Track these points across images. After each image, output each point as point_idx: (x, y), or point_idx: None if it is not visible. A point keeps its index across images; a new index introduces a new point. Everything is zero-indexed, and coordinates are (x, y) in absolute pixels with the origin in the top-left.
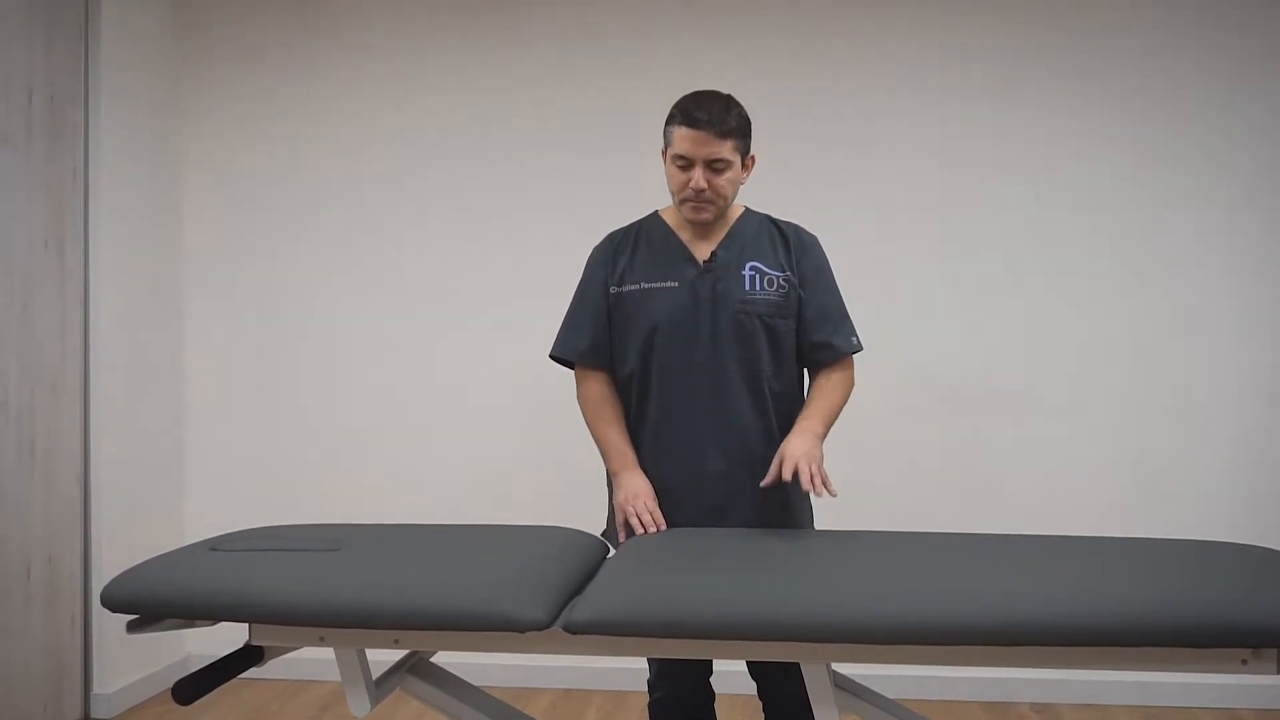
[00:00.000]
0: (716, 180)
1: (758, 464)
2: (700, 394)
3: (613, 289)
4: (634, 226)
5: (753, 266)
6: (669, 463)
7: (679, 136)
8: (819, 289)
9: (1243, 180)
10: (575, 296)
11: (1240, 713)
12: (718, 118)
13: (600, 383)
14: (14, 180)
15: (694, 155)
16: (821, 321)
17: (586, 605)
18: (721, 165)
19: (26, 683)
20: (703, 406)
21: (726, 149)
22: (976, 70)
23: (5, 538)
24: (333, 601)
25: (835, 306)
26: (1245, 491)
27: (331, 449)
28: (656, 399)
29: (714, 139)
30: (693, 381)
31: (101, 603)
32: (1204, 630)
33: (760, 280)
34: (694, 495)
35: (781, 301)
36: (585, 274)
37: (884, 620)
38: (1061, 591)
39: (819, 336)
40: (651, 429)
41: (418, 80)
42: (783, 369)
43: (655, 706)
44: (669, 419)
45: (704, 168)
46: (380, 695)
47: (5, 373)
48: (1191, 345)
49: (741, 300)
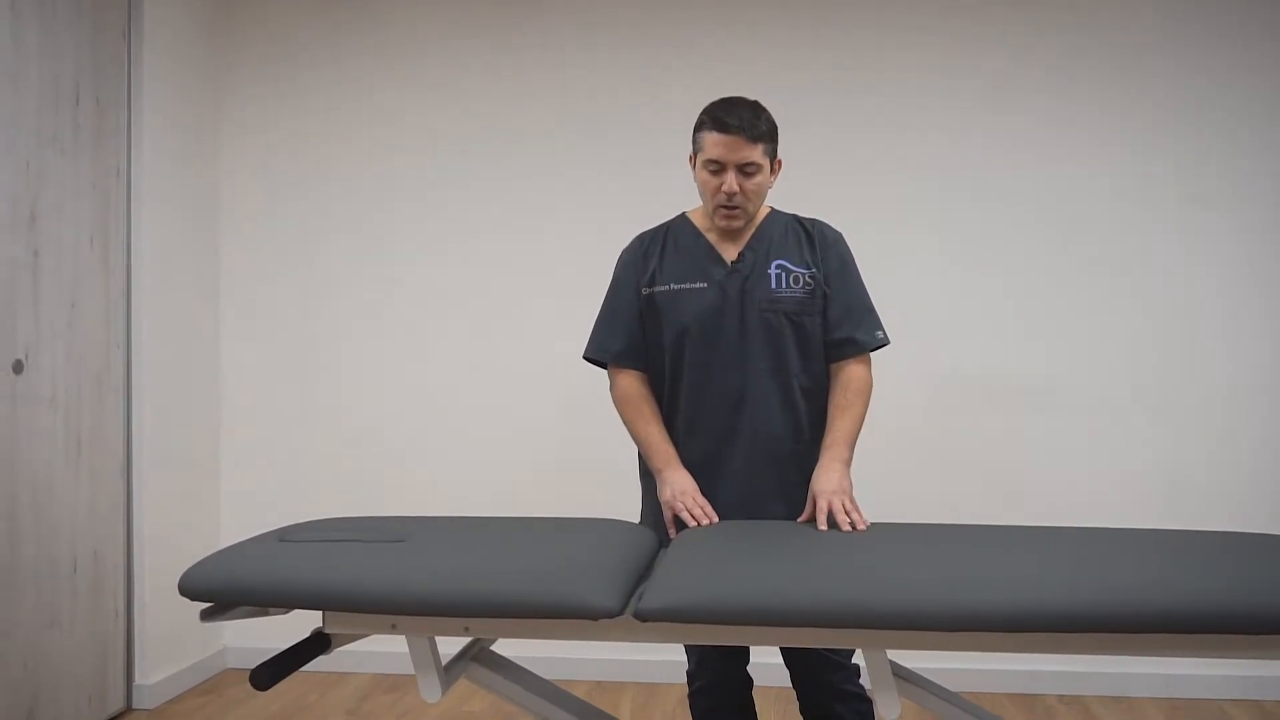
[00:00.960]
0: (748, 184)
1: (786, 460)
2: (730, 392)
3: (644, 290)
4: (662, 228)
5: (779, 265)
6: (699, 459)
7: (711, 141)
8: (843, 284)
9: (1266, 178)
10: (607, 298)
11: (1267, 705)
12: (749, 123)
13: (636, 381)
14: (63, 180)
15: (726, 160)
16: (845, 316)
17: (655, 594)
18: (753, 169)
19: (75, 674)
20: (732, 404)
21: (757, 153)
22: (986, 72)
23: (55, 531)
24: (406, 590)
25: (859, 301)
26: (1274, 486)
27: (366, 447)
28: (687, 397)
29: (746, 144)
30: (722, 380)
31: (180, 592)
32: (1269, 617)
33: (787, 278)
34: (724, 492)
35: (808, 298)
36: (615, 276)
37: (947, 608)
38: (1120, 580)
39: (843, 332)
40: (683, 426)
41: (457, 82)
42: (811, 365)
43: (697, 695)
44: (699, 417)
45: (736, 172)
46: (448, 682)
47: (54, 368)
48: (1218, 342)
49: (769, 299)
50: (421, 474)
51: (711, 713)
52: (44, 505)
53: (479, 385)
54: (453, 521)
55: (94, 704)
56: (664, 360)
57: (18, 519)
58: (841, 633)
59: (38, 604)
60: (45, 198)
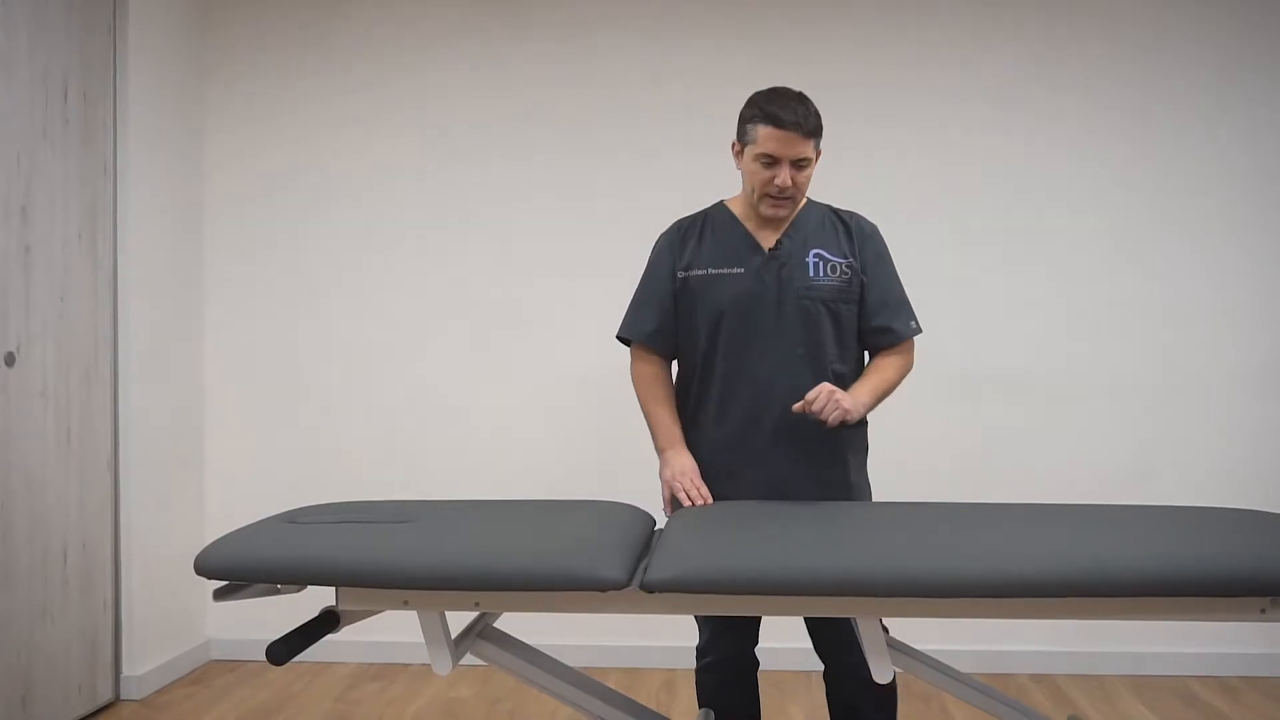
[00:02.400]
0: (799, 177)
1: (818, 446)
2: (763, 376)
3: (680, 274)
4: (700, 215)
5: (816, 254)
6: (732, 443)
7: (764, 135)
8: (880, 275)
9: (1240, 175)
10: (642, 280)
11: (1229, 680)
12: (802, 118)
13: (655, 364)
14: (53, 174)
15: (781, 154)
16: (881, 306)
17: (659, 566)
18: (804, 163)
19: (65, 664)
20: (766, 389)
21: (809, 148)
22: (985, 70)
23: (46, 523)
24: (418, 566)
25: (895, 292)
26: (1243, 472)
27: (352, 440)
28: (720, 380)
29: (800, 139)
30: (756, 364)
31: (196, 571)
32: (1229, 580)
33: (824, 267)
34: (756, 474)
35: (845, 287)
36: (651, 259)
37: (936, 576)
38: (1097, 548)
39: (879, 321)
40: (715, 410)
41: (440, 75)
42: (846, 352)
43: (704, 671)
44: (732, 400)
45: (789, 166)
46: (458, 656)
47: (44, 362)
48: (1191, 331)
49: (806, 286)
50: (408, 466)
51: (717, 688)
52: (36, 497)
53: (466, 377)
54: (454, 504)
55: (84, 694)
56: (698, 344)
57: (10, 510)
58: (838, 601)
59: (30, 595)
60: (36, 192)
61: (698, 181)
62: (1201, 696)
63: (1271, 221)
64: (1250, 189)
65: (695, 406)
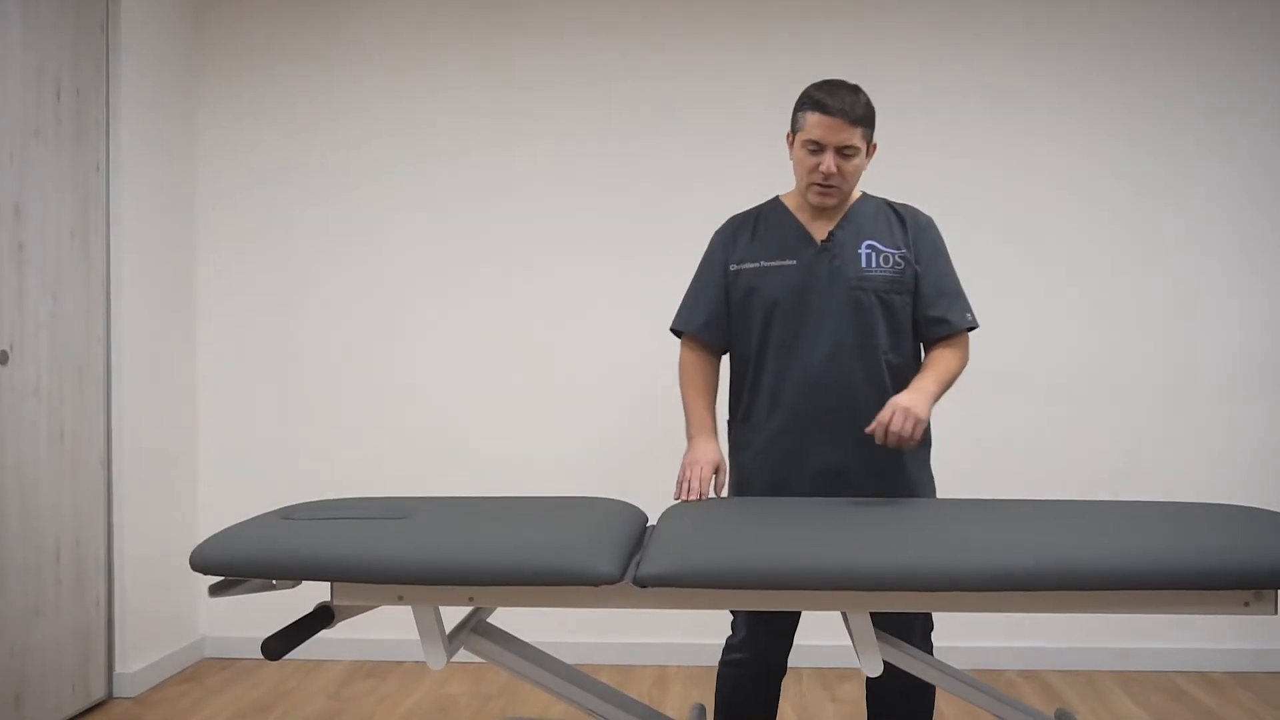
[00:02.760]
0: (845, 165)
1: (869, 436)
2: (815, 368)
3: (732, 267)
4: (755, 210)
5: (869, 245)
6: (784, 435)
7: (812, 122)
8: (935, 267)
9: (1242, 174)
10: (696, 274)
11: (1214, 675)
12: (850, 105)
13: (701, 355)
14: (46, 173)
15: (826, 141)
16: (936, 297)
17: (652, 561)
18: (851, 152)
19: (59, 662)
20: (818, 381)
21: (856, 136)
22: (988, 69)
23: (39, 521)
24: (413, 561)
25: (950, 284)
26: (1242, 469)
27: (341, 437)
28: (772, 373)
29: (846, 126)
30: (808, 355)
31: (192, 566)
32: (1212, 574)
33: (876, 258)
34: (808, 467)
35: (897, 277)
36: (706, 254)
37: (922, 570)
38: (1081, 542)
39: (934, 312)
40: (766, 400)
41: (433, 70)
42: (899, 343)
43: (730, 665)
44: (784, 393)
45: (834, 153)
46: (452, 651)
47: (38, 360)
48: (1187, 330)
49: (858, 277)
50: (402, 464)
51: (736, 683)
52: (29, 494)
53: (460, 375)
54: (449, 500)
55: (77, 692)
56: (751, 337)
57: (3, 508)
58: (827, 594)
59: (24, 592)
60: (28, 190)
61: (698, 182)
62: (1189, 692)
63: (1262, 218)
64: (1240, 187)
65: (748, 399)
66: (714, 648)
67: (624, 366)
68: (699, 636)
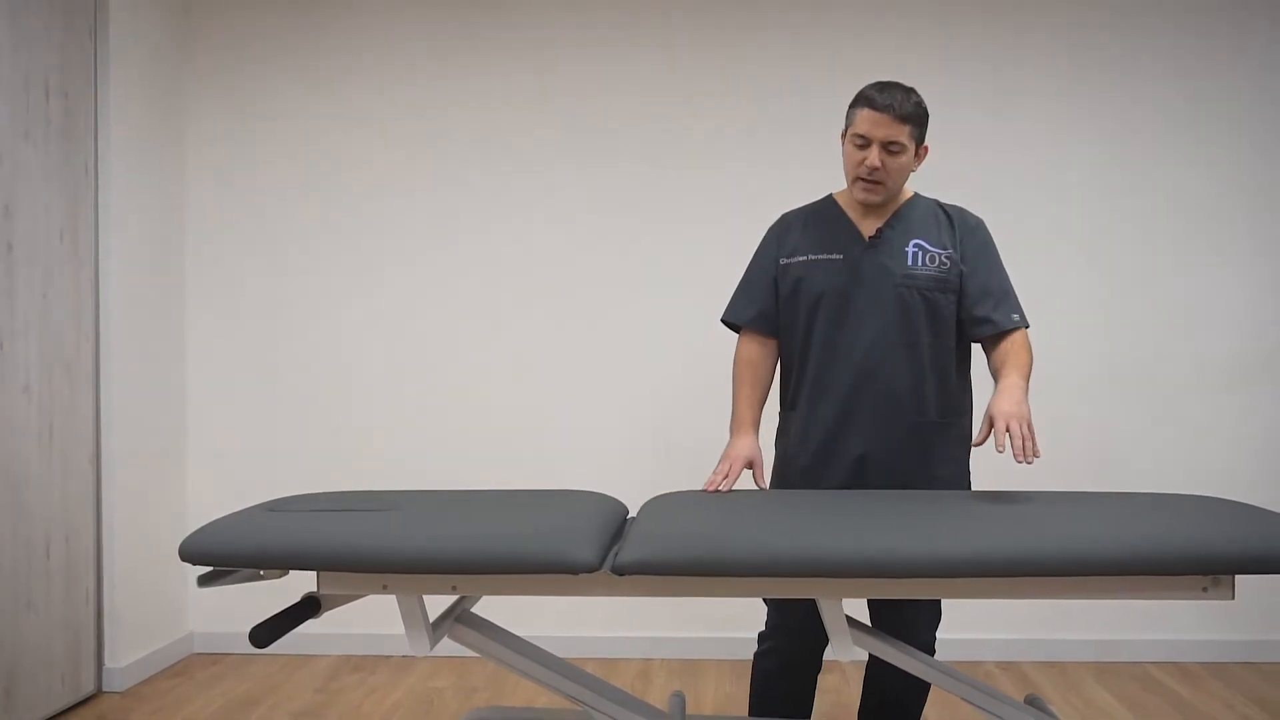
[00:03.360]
0: (890, 162)
1: (908, 431)
2: (857, 361)
3: (781, 261)
4: (808, 206)
5: (916, 244)
6: (825, 427)
7: (861, 118)
8: (981, 267)
9: (1244, 175)
10: (748, 268)
11: (1187, 666)
12: (898, 103)
13: (756, 348)
14: (35, 174)
15: (872, 135)
16: (982, 297)
17: (630, 550)
18: (897, 148)
19: (48, 656)
20: (859, 373)
21: (903, 134)
22: (988, 73)
23: (29, 516)
24: (397, 551)
25: (997, 284)
26: (1221, 465)
27: (328, 433)
28: (816, 366)
29: (893, 122)
30: (850, 349)
31: (181, 557)
32: (1172, 560)
33: (923, 256)
34: (845, 460)
35: (943, 277)
36: (759, 249)
37: (892, 558)
38: (1044, 529)
39: (980, 312)
40: (810, 393)
41: (420, 70)
42: (942, 342)
43: (763, 656)
44: (827, 383)
45: (880, 148)
46: (436, 639)
47: (27, 358)
48: (1183, 329)
49: (904, 274)
50: (389, 460)
51: (771, 674)
52: (19, 490)
53: (444, 373)
54: (434, 493)
55: (67, 686)
56: (797, 329)
57: None
58: (797, 582)
59: (14, 587)
60: (18, 191)
61: (685, 185)
62: (1162, 682)
63: (1249, 215)
64: (1223, 184)
65: (794, 389)
66: (696, 641)
67: (611, 366)
68: (682, 630)
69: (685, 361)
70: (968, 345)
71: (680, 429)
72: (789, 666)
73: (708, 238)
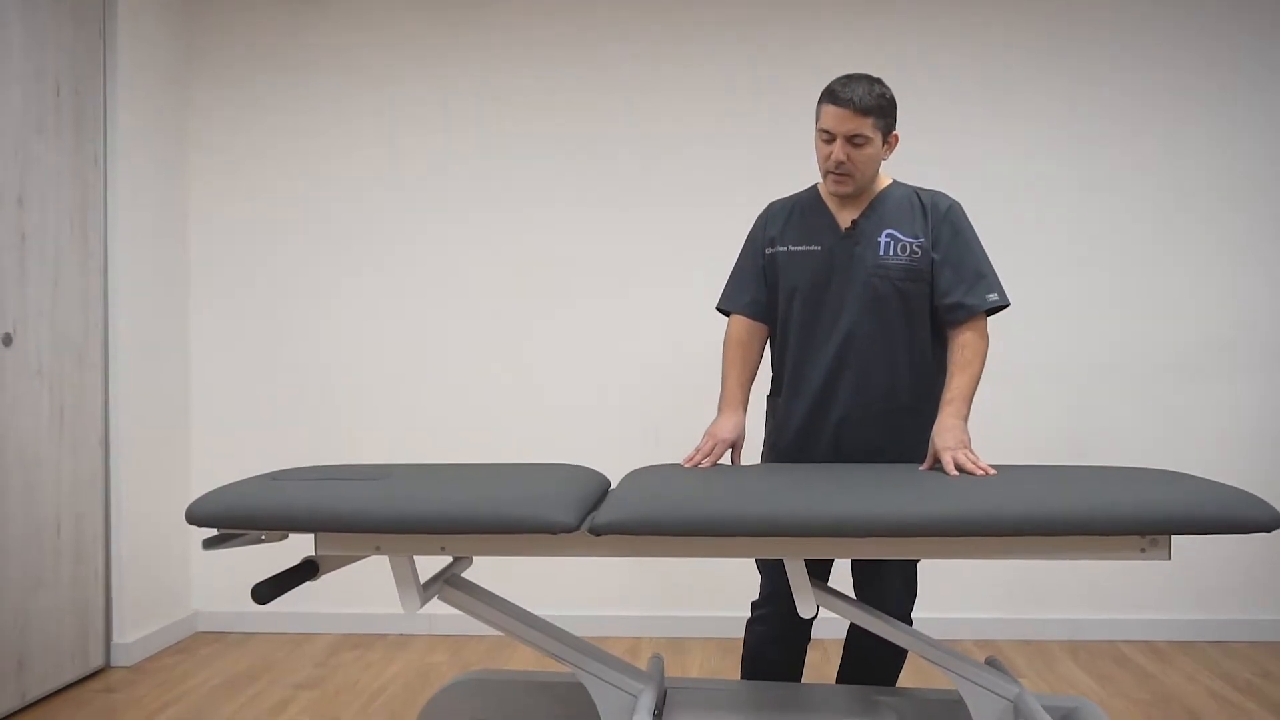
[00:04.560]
0: (856, 154)
1: (880, 420)
2: (832, 351)
3: (768, 250)
4: (793, 196)
5: (889, 234)
6: (804, 414)
7: (825, 113)
8: (954, 250)
9: (1242, 174)
10: (739, 257)
11: (1158, 644)
12: (859, 97)
13: (743, 329)
14: (47, 166)
15: (836, 130)
16: (954, 283)
17: (606, 512)
18: (861, 140)
19: (59, 631)
20: (833, 363)
21: (866, 126)
22: (985, 64)
23: (41, 496)
24: (388, 513)
25: (970, 267)
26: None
27: (327, 415)
28: (793, 353)
29: (854, 116)
30: (826, 339)
31: (187, 520)
32: (1108, 520)
33: (894, 246)
34: (824, 448)
35: (913, 266)
36: (748, 238)
37: (849, 518)
38: (995, 494)
39: (951, 298)
40: (789, 381)
41: (420, 68)
42: (915, 332)
43: (755, 623)
44: (803, 372)
45: (844, 142)
46: (426, 598)
47: (39, 344)
48: (1166, 315)
49: (876, 264)
50: (388, 441)
51: (764, 642)
52: (31, 471)
53: (442, 358)
54: (426, 465)
55: (76, 660)
56: (779, 317)
57: (7, 483)
58: (762, 541)
59: (25, 565)
60: (30, 183)
61: (677, 178)
62: (1132, 658)
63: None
64: (1231, 181)
65: (778, 376)
66: (683, 620)
67: (601, 355)
68: (669, 609)
69: (674, 351)
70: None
71: (669, 419)
72: (780, 633)
73: (699, 227)
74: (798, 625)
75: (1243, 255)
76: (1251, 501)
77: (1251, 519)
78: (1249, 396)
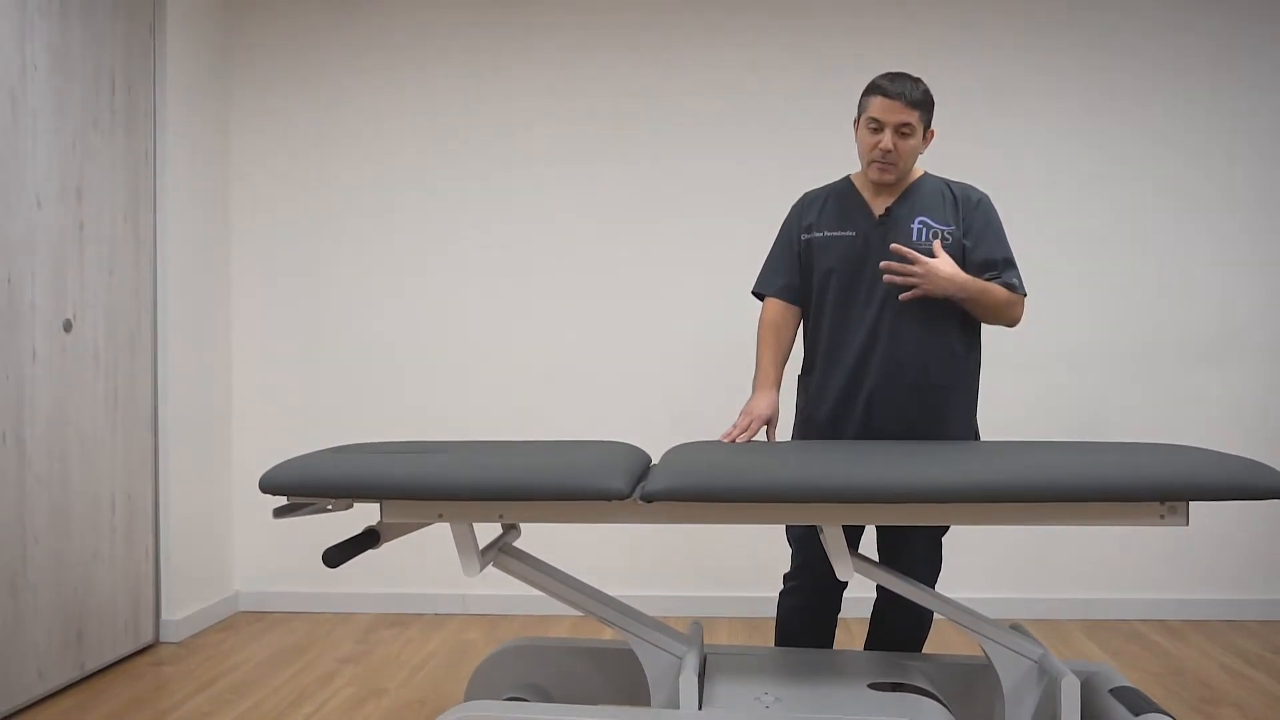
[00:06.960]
0: (901, 144)
1: (909, 392)
2: (864, 330)
3: (803, 236)
4: (826, 187)
5: (921, 221)
6: (836, 395)
7: (874, 104)
8: (985, 239)
9: (1238, 178)
10: (775, 244)
11: (1172, 623)
12: (909, 90)
13: (778, 311)
14: (102, 159)
15: (886, 120)
16: (985, 268)
17: (656, 480)
18: (907, 131)
19: (113, 605)
20: (866, 341)
21: (913, 118)
22: (986, 74)
23: (97, 475)
24: (452, 481)
25: (1000, 254)
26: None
27: (366, 400)
28: (827, 333)
29: (904, 108)
30: (859, 319)
31: (261, 489)
32: (1128, 486)
33: (927, 233)
34: (857, 418)
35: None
36: (782, 226)
37: (883, 485)
38: (1019, 465)
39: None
40: (823, 360)
41: (457, 61)
42: (945, 311)
43: (787, 594)
44: (836, 351)
45: (893, 132)
46: (484, 563)
47: (95, 330)
48: (1170, 305)
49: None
50: (428, 427)
51: (795, 612)
52: (89, 450)
53: (474, 341)
54: (480, 442)
55: (128, 634)
56: (813, 301)
57: (68, 461)
58: (806, 508)
59: (84, 538)
60: (88, 175)
61: (696, 176)
62: (1147, 636)
63: (1227, 201)
64: (1234, 179)
65: (811, 357)
66: (711, 600)
67: (633, 341)
68: (699, 590)
69: (704, 339)
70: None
71: (701, 401)
72: (814, 604)
73: (730, 222)
74: (827, 596)
75: (1256, 243)
76: (1264, 470)
77: (1265, 485)
78: (1263, 381)
